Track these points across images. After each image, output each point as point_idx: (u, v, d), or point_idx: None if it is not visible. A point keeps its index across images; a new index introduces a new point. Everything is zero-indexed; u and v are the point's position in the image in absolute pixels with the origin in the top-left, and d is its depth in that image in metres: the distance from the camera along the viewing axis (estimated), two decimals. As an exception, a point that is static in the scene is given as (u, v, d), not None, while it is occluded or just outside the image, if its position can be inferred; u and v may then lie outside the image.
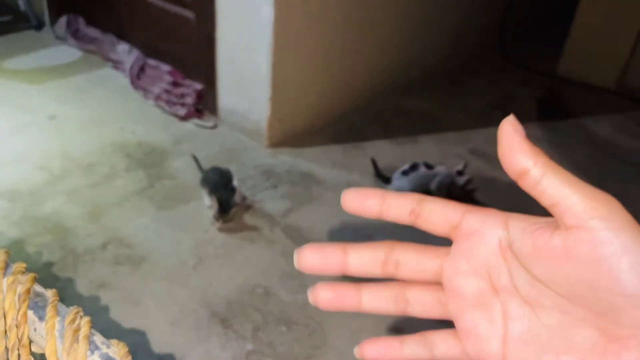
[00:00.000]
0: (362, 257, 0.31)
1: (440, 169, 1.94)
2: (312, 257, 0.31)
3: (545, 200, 0.26)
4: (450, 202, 0.30)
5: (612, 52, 2.91)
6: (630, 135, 2.59)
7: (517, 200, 0.29)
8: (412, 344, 0.31)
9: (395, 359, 0.32)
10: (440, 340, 0.31)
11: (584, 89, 2.96)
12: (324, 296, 0.31)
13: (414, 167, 1.94)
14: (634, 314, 0.24)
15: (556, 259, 0.25)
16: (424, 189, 1.93)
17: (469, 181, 1.95)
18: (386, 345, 0.32)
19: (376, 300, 0.31)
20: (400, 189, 1.94)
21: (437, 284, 0.31)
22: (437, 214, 0.29)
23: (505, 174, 0.27)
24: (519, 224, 0.27)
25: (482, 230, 0.28)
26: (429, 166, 1.94)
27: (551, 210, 0.26)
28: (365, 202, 0.30)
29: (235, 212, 1.79)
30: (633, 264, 0.23)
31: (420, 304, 0.31)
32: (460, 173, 1.93)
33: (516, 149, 0.26)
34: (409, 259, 0.31)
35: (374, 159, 2.03)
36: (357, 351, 0.32)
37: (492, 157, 2.23)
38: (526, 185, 0.26)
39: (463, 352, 0.30)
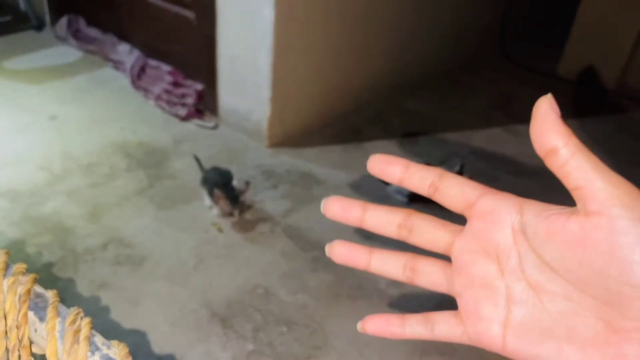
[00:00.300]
0: (379, 216, 0.32)
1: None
2: (335, 206, 0.32)
3: (570, 182, 0.26)
4: (469, 181, 0.30)
5: (612, 52, 2.91)
6: (631, 135, 2.59)
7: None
8: (413, 322, 0.32)
9: (395, 335, 0.32)
10: (441, 320, 0.31)
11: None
12: (338, 251, 0.33)
13: (414, 167, 1.94)
14: None
15: (570, 243, 0.25)
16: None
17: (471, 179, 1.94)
18: (387, 321, 0.32)
19: (385, 264, 0.32)
20: (401, 190, 1.95)
21: (446, 260, 0.31)
22: (455, 189, 0.30)
23: (505, 173, 0.28)
24: (533, 209, 0.28)
25: (496, 211, 0.29)
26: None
27: (574, 193, 0.26)
28: (389, 167, 0.31)
29: (245, 201, 1.80)
30: None
31: (427, 275, 0.32)
32: (459, 174, 1.93)
33: (550, 127, 0.26)
34: (424, 228, 0.31)
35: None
36: (359, 326, 0.33)
37: (492, 157, 2.23)
38: (553, 164, 0.26)
39: (464, 333, 0.30)
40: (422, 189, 0.31)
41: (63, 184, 1.90)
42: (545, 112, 0.27)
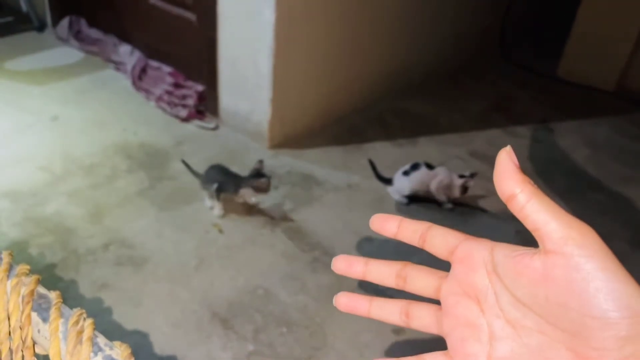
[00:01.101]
0: (379, 269, 0.36)
1: (440, 170, 1.94)
2: (342, 263, 0.37)
3: (528, 224, 0.29)
4: (452, 230, 0.33)
5: (612, 54, 2.91)
6: (630, 137, 2.60)
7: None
8: None
9: None
10: None
11: (583, 91, 2.96)
12: (342, 301, 0.37)
13: (414, 166, 1.94)
14: (602, 335, 0.25)
15: (536, 280, 0.28)
16: (424, 188, 1.93)
17: (468, 183, 1.94)
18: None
19: (382, 311, 0.36)
20: (401, 189, 1.95)
21: (437, 304, 0.34)
22: (439, 239, 0.33)
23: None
24: (503, 250, 0.30)
25: (472, 255, 0.32)
26: (429, 166, 1.95)
27: (534, 233, 0.28)
28: (386, 224, 0.35)
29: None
30: (601, 288, 0.26)
31: (420, 319, 0.35)
32: (462, 176, 1.93)
33: (508, 176, 0.29)
34: (416, 276, 0.35)
35: (371, 160, 2.03)
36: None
37: (492, 159, 2.22)
38: (513, 208, 0.29)
39: None
40: (414, 241, 0.34)
41: (64, 185, 1.91)
42: (504, 162, 0.30)
